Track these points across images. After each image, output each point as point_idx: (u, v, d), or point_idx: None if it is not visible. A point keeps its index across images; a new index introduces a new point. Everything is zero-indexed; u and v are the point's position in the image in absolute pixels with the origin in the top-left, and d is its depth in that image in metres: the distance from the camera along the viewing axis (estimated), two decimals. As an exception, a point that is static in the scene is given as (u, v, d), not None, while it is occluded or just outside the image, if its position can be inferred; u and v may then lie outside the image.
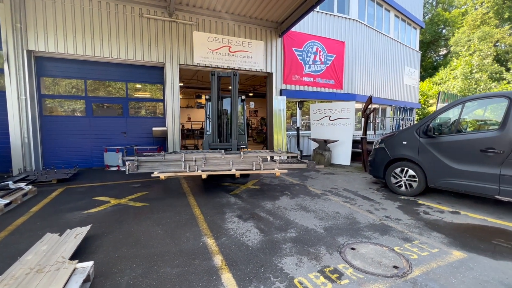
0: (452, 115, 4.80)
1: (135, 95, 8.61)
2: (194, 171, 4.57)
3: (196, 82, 17.66)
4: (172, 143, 8.36)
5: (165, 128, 8.42)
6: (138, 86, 8.64)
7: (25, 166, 6.74)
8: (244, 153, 4.86)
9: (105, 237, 3.40)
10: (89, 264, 2.49)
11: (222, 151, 4.92)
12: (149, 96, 8.81)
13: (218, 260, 2.84)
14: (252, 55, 9.52)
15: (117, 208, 4.48)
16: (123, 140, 8.26)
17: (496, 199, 4.29)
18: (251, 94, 19.21)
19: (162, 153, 4.60)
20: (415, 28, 17.32)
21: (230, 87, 5.68)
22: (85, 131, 7.87)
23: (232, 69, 9.17)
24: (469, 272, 2.61)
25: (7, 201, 4.32)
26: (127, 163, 4.41)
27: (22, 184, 5.08)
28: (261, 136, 16.84)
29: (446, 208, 4.52)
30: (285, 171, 5.03)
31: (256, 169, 4.79)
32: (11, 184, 4.95)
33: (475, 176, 4.25)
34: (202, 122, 19.06)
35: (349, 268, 2.69)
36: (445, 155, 4.61)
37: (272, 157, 4.99)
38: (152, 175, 4.43)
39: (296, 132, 9.96)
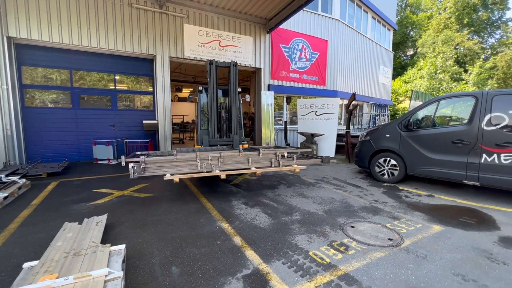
0: (428, 111, 5.46)
1: (124, 87, 8.42)
2: (211, 171, 4.16)
3: (178, 75, 17.33)
4: (163, 137, 8.35)
5: (155, 121, 8.37)
6: (127, 78, 8.45)
7: (9, 160, 6.40)
8: (263, 150, 4.67)
9: (122, 225, 3.52)
10: (122, 246, 2.65)
11: (240, 148, 4.70)
12: (139, 88, 8.65)
13: (237, 240, 3.14)
14: (241, 50, 9.70)
15: (123, 199, 4.55)
16: (112, 133, 8.08)
17: (463, 183, 5.04)
18: (234, 89, 19.24)
19: (174, 151, 4.13)
20: (389, 30, 18.51)
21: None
22: (71, 123, 7.58)
23: (222, 63, 9.28)
24: (447, 240, 3.18)
25: (5, 194, 4.20)
26: (130, 165, 3.67)
27: (15, 178, 4.90)
28: (245, 130, 17.05)
29: (423, 192, 5.20)
30: (304, 167, 4.90)
31: (275, 166, 4.61)
32: (3, 178, 4.76)
33: (447, 164, 4.94)
34: (183, 116, 18.80)
35: (353, 241, 3.13)
36: (423, 146, 5.27)
37: (297, 154, 4.85)
38: (165, 178, 3.84)
39: (283, 126, 10.38)
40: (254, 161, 4.54)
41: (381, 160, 5.92)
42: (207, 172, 4.14)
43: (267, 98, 10.02)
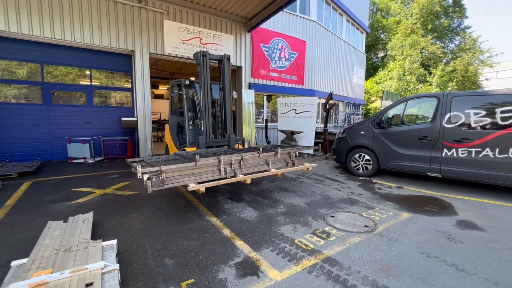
0: (398, 110, 5.96)
1: (101, 83, 8.11)
2: (235, 176, 3.89)
3: (155, 71, 16.84)
4: (143, 135, 8.17)
5: (135, 119, 8.17)
6: (101, 73, 8.13)
7: (-28, 160, 5.94)
8: (280, 150, 4.56)
9: (109, 222, 3.50)
10: (114, 241, 2.68)
11: (260, 149, 4.50)
12: (116, 84, 8.37)
13: (226, 232, 3.28)
14: (222, 48, 9.73)
15: (106, 198, 4.48)
16: (87, 131, 7.76)
17: (427, 176, 5.59)
18: (213, 86, 19.11)
19: (196, 156, 3.61)
20: (362, 33, 19.48)
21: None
22: (42, 120, 7.16)
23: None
24: (414, 225, 3.58)
25: (-25, 195, 3.96)
26: (146, 177, 3.16)
27: (-16, 178, 4.60)
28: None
29: (393, 185, 5.68)
30: (316, 165, 5.05)
31: (290, 166, 4.60)
32: (-30, 178, 4.45)
33: (414, 158, 5.46)
34: (160, 113, 18.29)
35: (333, 229, 3.41)
36: (393, 142, 5.76)
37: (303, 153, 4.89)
38: (189, 189, 3.37)
39: (264, 124, 10.61)
40: (273, 162, 4.41)
41: (357, 156, 6.35)
42: (231, 177, 3.88)
43: (248, 97, 10.14)
